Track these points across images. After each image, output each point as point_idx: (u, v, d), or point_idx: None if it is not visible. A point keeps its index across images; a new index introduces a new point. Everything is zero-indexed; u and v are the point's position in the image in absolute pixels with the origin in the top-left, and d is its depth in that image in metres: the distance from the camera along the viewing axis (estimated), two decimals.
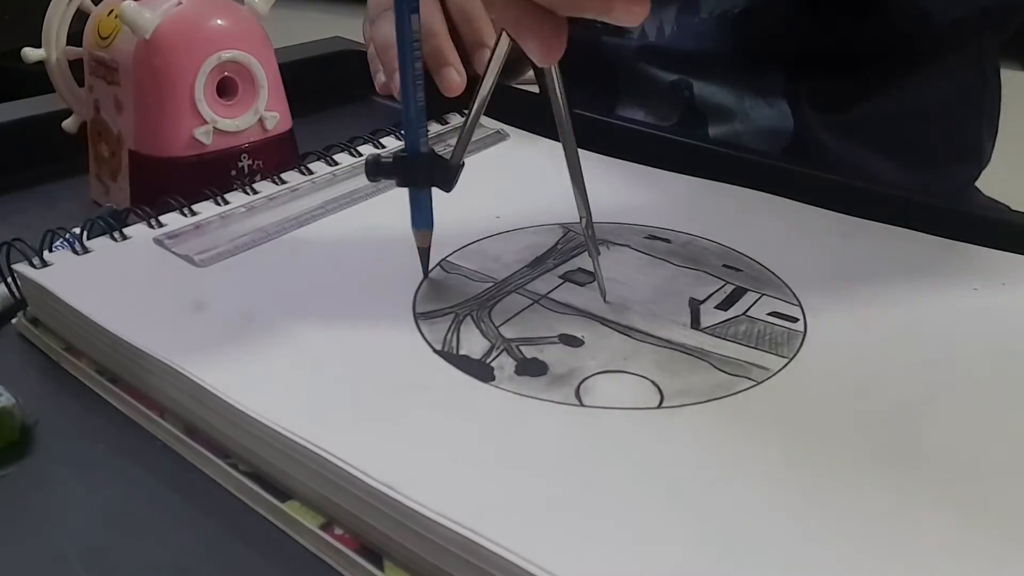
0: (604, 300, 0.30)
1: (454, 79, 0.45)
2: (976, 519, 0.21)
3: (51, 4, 0.39)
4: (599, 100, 0.57)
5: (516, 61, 0.45)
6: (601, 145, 0.43)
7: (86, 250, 0.32)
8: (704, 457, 0.23)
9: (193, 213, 0.35)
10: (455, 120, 0.45)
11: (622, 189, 0.39)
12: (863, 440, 0.24)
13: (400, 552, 0.22)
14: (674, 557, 0.20)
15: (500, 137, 0.44)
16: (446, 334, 0.28)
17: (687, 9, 0.54)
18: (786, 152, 0.53)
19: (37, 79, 0.41)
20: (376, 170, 0.30)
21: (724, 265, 0.33)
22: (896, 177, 0.54)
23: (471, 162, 0.41)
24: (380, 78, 0.52)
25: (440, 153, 0.32)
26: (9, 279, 0.32)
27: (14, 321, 0.32)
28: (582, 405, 0.25)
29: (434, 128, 0.44)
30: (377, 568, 0.22)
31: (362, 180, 0.38)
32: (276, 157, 0.39)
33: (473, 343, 0.27)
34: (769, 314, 0.29)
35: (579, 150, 0.42)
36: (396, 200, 0.38)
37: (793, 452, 0.23)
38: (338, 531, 0.23)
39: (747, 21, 0.53)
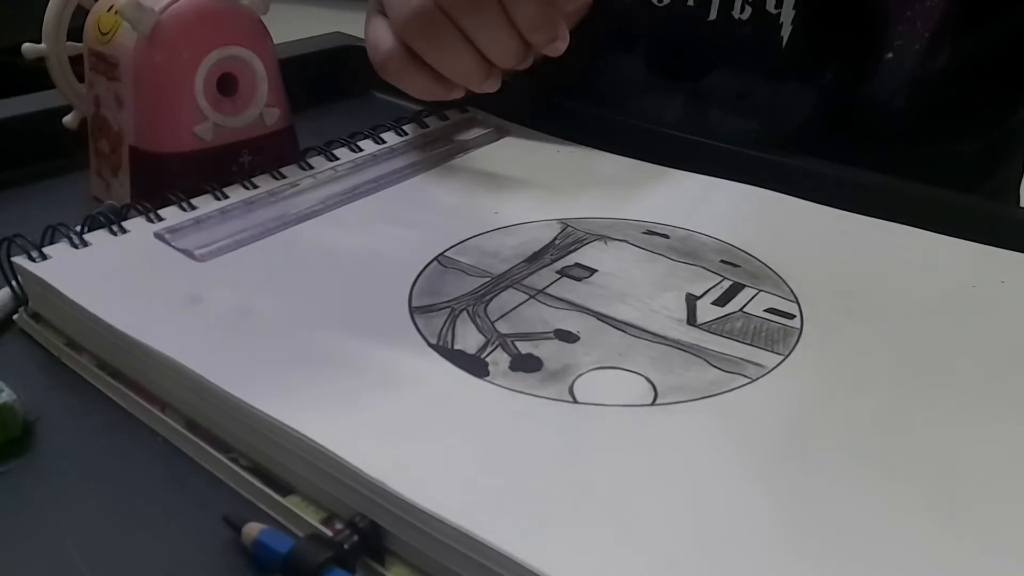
0: None
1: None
2: (970, 519, 0.21)
3: (51, 0, 0.39)
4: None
5: None
6: (600, 142, 0.43)
7: (85, 244, 0.32)
8: (697, 454, 0.23)
9: (192, 208, 0.35)
10: (455, 116, 0.45)
11: (620, 184, 0.39)
12: (857, 438, 0.24)
13: (400, 547, 0.22)
14: (667, 554, 0.20)
15: (500, 133, 0.44)
16: (441, 328, 0.28)
17: (694, 107, 0.51)
18: None
19: (37, 75, 0.41)
20: None
21: (722, 261, 0.33)
22: None
23: (472, 158, 0.42)
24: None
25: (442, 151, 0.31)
26: (11, 275, 0.32)
27: (15, 317, 0.32)
28: (576, 402, 0.25)
29: (434, 124, 0.44)
30: (378, 563, 0.22)
31: (362, 176, 0.39)
32: (276, 153, 0.39)
33: (468, 338, 0.28)
34: (766, 310, 0.30)
35: (577, 146, 0.43)
36: (395, 196, 0.38)
37: (787, 450, 0.23)
38: (338, 525, 0.23)
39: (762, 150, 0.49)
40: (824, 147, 0.49)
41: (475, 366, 0.26)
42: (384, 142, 0.42)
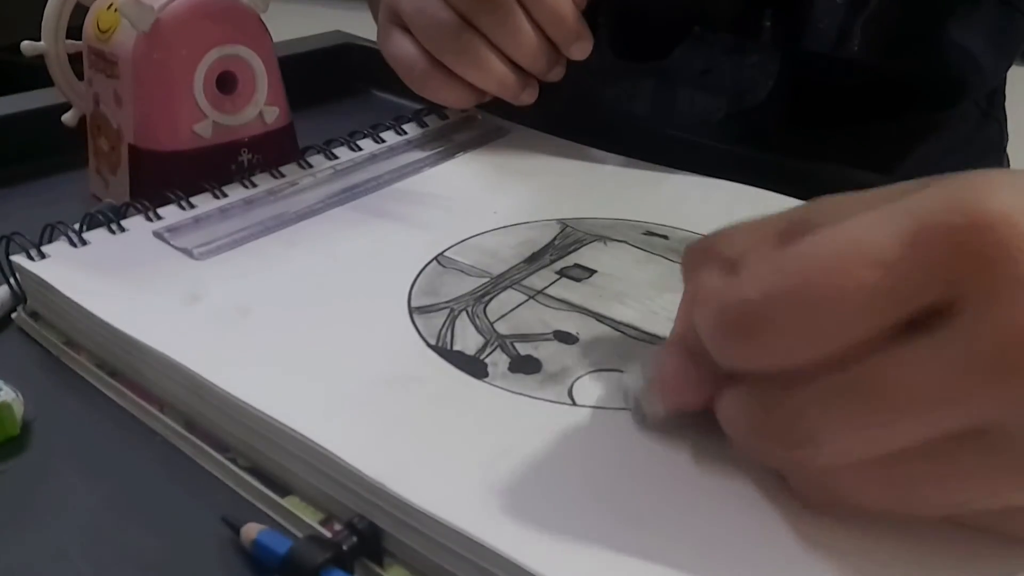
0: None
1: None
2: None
3: None
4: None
5: None
6: (600, 141, 0.43)
7: (84, 243, 0.32)
8: (696, 457, 0.23)
9: (191, 206, 0.35)
10: (455, 115, 0.45)
11: (620, 184, 0.39)
12: None
13: (398, 548, 0.22)
14: (667, 556, 0.20)
15: (499, 133, 0.44)
16: (441, 329, 0.28)
17: (663, 88, 0.53)
18: None
19: (36, 73, 0.41)
20: None
21: None
22: None
23: (471, 157, 0.42)
24: None
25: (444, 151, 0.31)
26: (9, 273, 0.32)
27: (14, 315, 0.32)
28: (574, 404, 0.25)
29: (433, 123, 0.44)
30: (377, 564, 0.22)
31: (361, 175, 0.39)
32: (276, 151, 0.39)
33: (468, 339, 0.28)
34: None
35: (578, 145, 0.43)
36: (394, 195, 0.38)
37: None
38: (337, 526, 0.23)
39: (730, 128, 0.51)
40: (797, 118, 0.50)
41: (474, 367, 0.26)
42: (384, 141, 0.42)
